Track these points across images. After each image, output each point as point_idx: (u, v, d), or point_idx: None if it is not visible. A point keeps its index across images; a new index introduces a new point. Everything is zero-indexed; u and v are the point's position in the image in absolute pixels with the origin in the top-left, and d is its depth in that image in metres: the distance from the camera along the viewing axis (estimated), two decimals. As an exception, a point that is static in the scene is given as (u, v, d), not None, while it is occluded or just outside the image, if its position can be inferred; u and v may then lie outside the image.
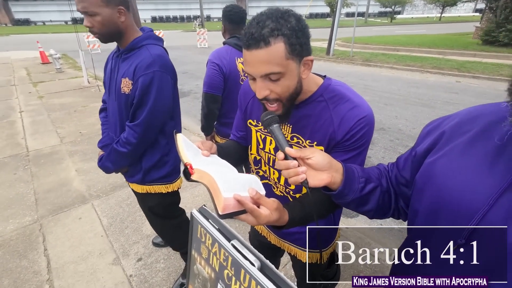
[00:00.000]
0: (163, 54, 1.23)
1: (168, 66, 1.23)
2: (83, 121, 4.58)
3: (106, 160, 1.35)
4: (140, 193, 1.45)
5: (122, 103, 1.26)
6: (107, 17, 1.12)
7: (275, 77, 0.67)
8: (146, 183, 1.42)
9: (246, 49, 0.67)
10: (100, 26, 1.13)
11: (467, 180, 0.44)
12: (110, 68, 1.33)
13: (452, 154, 0.50)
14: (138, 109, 1.22)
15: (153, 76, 1.17)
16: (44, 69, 9.08)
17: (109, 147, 1.38)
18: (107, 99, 1.43)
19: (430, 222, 0.51)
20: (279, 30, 0.64)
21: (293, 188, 0.90)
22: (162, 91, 1.21)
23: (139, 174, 1.39)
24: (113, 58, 1.32)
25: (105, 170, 1.41)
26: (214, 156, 0.83)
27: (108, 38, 1.18)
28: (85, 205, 2.56)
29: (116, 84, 1.26)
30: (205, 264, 0.85)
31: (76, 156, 3.45)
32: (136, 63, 1.18)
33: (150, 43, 1.23)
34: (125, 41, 1.23)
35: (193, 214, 0.88)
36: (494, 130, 0.46)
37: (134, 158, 1.34)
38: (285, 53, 0.65)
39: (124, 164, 1.37)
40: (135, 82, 1.18)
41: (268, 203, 0.65)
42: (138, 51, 1.21)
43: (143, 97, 1.19)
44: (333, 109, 0.77)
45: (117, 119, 1.32)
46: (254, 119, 0.93)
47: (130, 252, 2.02)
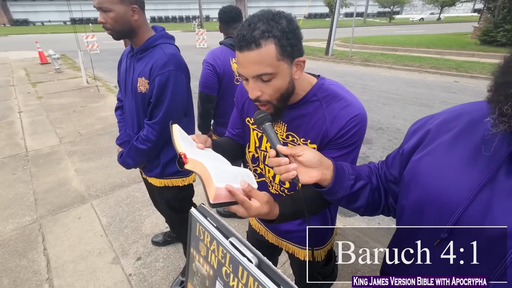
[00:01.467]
0: (176, 53, 1.27)
1: (182, 64, 1.27)
2: (82, 122, 4.59)
3: (126, 156, 1.41)
4: (158, 186, 1.50)
5: (139, 102, 1.30)
6: (120, 14, 1.15)
7: (266, 77, 0.69)
8: (164, 177, 1.47)
9: (238, 51, 0.69)
10: (113, 23, 1.16)
11: (450, 177, 0.46)
12: (124, 67, 1.36)
13: (436, 152, 0.51)
14: (156, 107, 1.26)
15: (169, 75, 1.20)
16: (43, 69, 9.07)
17: (126, 144, 1.44)
18: (122, 97, 1.47)
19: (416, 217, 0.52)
20: (269, 32, 0.66)
21: (288, 187, 0.91)
22: (178, 89, 1.25)
23: (157, 168, 1.43)
24: (128, 57, 1.34)
25: (125, 166, 1.46)
26: (208, 149, 0.85)
27: (120, 35, 1.21)
28: (84, 204, 2.56)
29: (132, 83, 1.30)
30: (204, 261, 0.86)
31: (75, 156, 3.46)
32: (152, 62, 1.21)
33: (163, 42, 1.26)
34: (138, 40, 1.26)
35: (192, 213, 0.89)
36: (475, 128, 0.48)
37: (153, 154, 1.39)
38: (276, 55, 0.67)
39: (143, 160, 1.43)
40: (152, 82, 1.22)
41: (259, 195, 0.66)
42: (152, 50, 1.24)
43: (160, 96, 1.23)
44: (326, 107, 0.78)
45: (134, 117, 1.37)
46: (251, 117, 0.95)
47: (130, 251, 2.03)
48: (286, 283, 0.61)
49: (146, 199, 2.60)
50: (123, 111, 1.53)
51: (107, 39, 15.41)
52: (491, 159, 0.42)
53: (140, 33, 1.24)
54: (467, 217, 0.42)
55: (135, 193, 2.71)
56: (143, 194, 2.68)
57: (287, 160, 0.63)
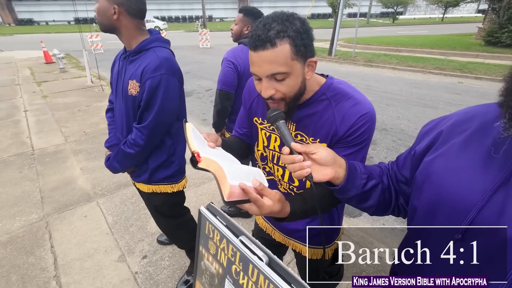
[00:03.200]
0: (170, 57, 1.25)
1: (175, 68, 1.25)
2: (87, 121, 4.62)
3: (113, 160, 1.38)
4: (146, 192, 1.47)
5: (129, 105, 1.28)
6: (102, 8, 1.18)
7: (280, 77, 0.70)
8: (152, 183, 1.44)
9: (253, 51, 0.70)
10: (97, 13, 1.20)
11: (463, 179, 0.46)
12: (117, 69, 1.35)
13: (449, 153, 0.52)
14: (146, 111, 1.24)
15: (160, 79, 1.19)
16: (48, 68, 9.15)
17: (115, 147, 1.40)
18: (114, 99, 1.45)
19: (428, 218, 0.52)
20: (284, 32, 0.67)
21: (297, 185, 0.92)
22: (169, 93, 1.22)
23: (145, 174, 1.41)
24: (120, 59, 1.34)
25: (112, 170, 1.43)
26: (219, 148, 0.85)
27: (103, 27, 1.23)
28: (90, 203, 2.59)
29: (123, 86, 1.28)
30: (213, 260, 0.88)
31: (81, 155, 3.49)
32: (144, 65, 1.20)
33: (157, 45, 1.25)
34: (124, 40, 1.26)
35: (201, 211, 0.90)
36: (488, 130, 0.48)
37: (140, 159, 1.36)
38: (290, 54, 0.68)
39: (131, 164, 1.40)
40: (143, 85, 1.20)
41: (271, 194, 0.67)
42: (145, 53, 1.23)
43: (150, 100, 1.21)
44: (335, 106, 0.79)
45: (124, 120, 1.34)
46: (260, 117, 0.96)
47: (135, 249, 2.05)
48: (296, 281, 0.62)
49: (151, 198, 2.62)
50: (114, 114, 1.50)
51: (110, 39, 15.49)
52: (505, 161, 0.42)
53: (125, 35, 1.23)
54: (481, 218, 0.42)
55: (140, 192, 2.73)
56: (148, 193, 2.70)
57: (301, 157, 0.64)
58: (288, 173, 0.93)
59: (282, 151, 0.68)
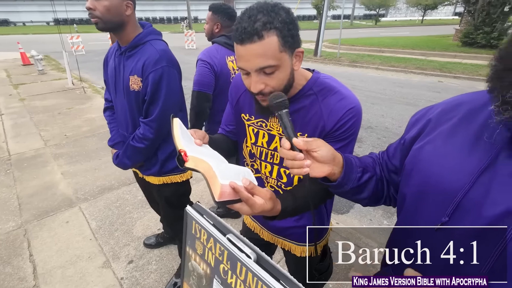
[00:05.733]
0: (167, 49, 1.25)
1: (174, 60, 1.26)
2: (68, 124, 4.45)
3: (123, 157, 1.37)
4: (157, 184, 1.48)
5: (133, 100, 1.27)
6: (114, 4, 1.13)
7: (269, 70, 0.68)
8: (162, 174, 1.45)
9: (240, 44, 0.67)
10: (105, 11, 1.13)
11: (450, 164, 0.47)
12: (113, 66, 1.32)
13: (437, 140, 0.53)
14: (151, 105, 1.24)
15: (162, 71, 1.19)
16: (26, 70, 8.76)
17: (120, 145, 1.41)
18: (112, 97, 1.43)
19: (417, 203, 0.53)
20: (271, 23, 0.65)
21: (285, 181, 0.91)
22: (172, 85, 1.23)
23: (156, 166, 1.41)
24: (115, 56, 1.31)
25: (122, 167, 1.43)
26: (206, 146, 0.83)
27: (107, 25, 1.17)
28: (72, 208, 2.49)
29: (123, 82, 1.27)
30: (200, 260, 0.85)
31: (62, 159, 3.35)
32: (144, 59, 1.19)
33: (153, 38, 1.24)
34: (125, 36, 1.23)
35: (188, 211, 0.87)
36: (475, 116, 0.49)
37: (150, 152, 1.37)
38: (279, 46, 0.66)
39: (141, 159, 1.40)
40: (145, 79, 1.20)
41: (262, 192, 0.65)
42: (142, 47, 1.22)
43: (155, 93, 1.21)
44: (322, 101, 0.79)
45: (127, 116, 1.34)
46: (247, 113, 0.94)
47: (121, 254, 1.98)
48: (285, 277, 0.61)
49: (137, 201, 2.55)
50: (113, 112, 1.49)
51: (92, 40, 15.03)
52: (491, 145, 0.43)
53: (128, 29, 1.21)
54: (468, 200, 0.43)
55: (125, 196, 2.65)
56: (134, 196, 2.62)
57: (302, 156, 0.60)
58: (276, 169, 0.92)
59: (282, 144, 0.63)
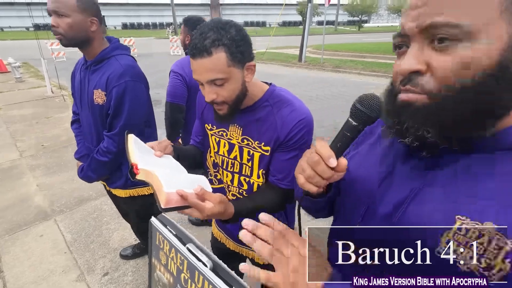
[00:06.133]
0: (133, 64, 1.27)
1: (140, 74, 1.28)
2: (46, 133, 4.33)
3: (87, 170, 1.38)
4: (124, 197, 1.48)
5: (97, 114, 1.29)
6: (77, 22, 1.15)
7: (219, 82, 0.74)
8: (128, 187, 1.46)
9: (192, 58, 0.74)
10: (67, 29, 1.14)
11: (365, 173, 0.54)
12: (78, 80, 1.34)
13: (362, 151, 0.59)
14: (115, 118, 1.25)
15: (126, 86, 1.21)
16: (2, 78, 8.46)
17: (85, 158, 1.41)
18: (79, 110, 1.43)
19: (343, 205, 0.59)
20: (219, 40, 0.71)
21: (246, 189, 0.95)
22: (136, 99, 1.25)
23: (121, 179, 1.42)
24: (81, 70, 1.32)
25: (87, 180, 1.43)
26: (168, 156, 0.86)
27: (71, 42, 1.19)
28: (47, 221, 2.42)
29: (88, 96, 1.28)
30: (164, 270, 0.87)
31: (38, 171, 3.26)
32: (108, 74, 1.21)
33: (118, 53, 1.26)
34: (91, 51, 1.24)
35: (152, 222, 0.90)
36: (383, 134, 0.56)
37: (114, 165, 1.38)
38: (227, 61, 0.72)
39: (106, 172, 1.41)
40: (109, 93, 1.21)
41: (212, 197, 0.69)
42: (107, 61, 1.24)
43: (118, 107, 1.23)
44: (276, 113, 0.84)
45: (92, 129, 1.35)
46: (209, 123, 0.98)
47: (96, 267, 1.95)
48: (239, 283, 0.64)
49: (115, 212, 2.50)
50: (80, 124, 1.49)
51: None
52: (393, 156, 0.51)
53: (94, 44, 1.23)
54: (373, 204, 0.49)
55: (103, 206, 2.61)
56: (112, 207, 2.58)
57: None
58: (236, 177, 0.95)
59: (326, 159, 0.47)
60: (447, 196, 0.40)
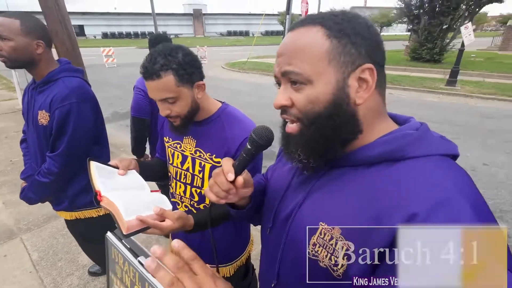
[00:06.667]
0: (80, 85, 1.28)
1: (87, 96, 1.29)
2: (15, 148, 4.16)
3: (28, 191, 1.35)
4: (70, 220, 1.44)
5: (41, 134, 1.29)
6: (21, 45, 1.16)
7: (171, 100, 0.84)
8: (74, 209, 1.43)
9: (145, 80, 0.82)
10: (11, 51, 1.15)
11: (277, 185, 0.63)
12: (27, 100, 1.35)
13: (279, 166, 0.68)
14: (57, 140, 1.25)
15: (70, 108, 1.21)
16: (-30, 90, 8.07)
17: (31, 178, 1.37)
18: (26, 130, 1.43)
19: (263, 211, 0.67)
20: (167, 65, 0.80)
21: (197, 200, 1.01)
22: (81, 120, 1.25)
23: (65, 201, 1.40)
24: (30, 90, 1.33)
25: (27, 201, 1.39)
26: (132, 172, 0.92)
27: (15, 64, 1.20)
28: (12, 240, 2.32)
29: (33, 116, 1.28)
30: (120, 283, 0.89)
31: (5, 188, 3.12)
32: (52, 95, 1.22)
33: (66, 75, 1.27)
34: (38, 72, 1.26)
35: (108, 237, 0.92)
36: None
37: (57, 187, 1.35)
38: (175, 82, 0.81)
39: (48, 193, 1.38)
40: (52, 114, 1.22)
41: (170, 215, 0.75)
42: (54, 83, 1.25)
43: (61, 128, 1.23)
44: (228, 129, 0.93)
45: (37, 150, 1.34)
46: (167, 136, 1.06)
47: (63, 285, 1.89)
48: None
49: (86, 227, 2.45)
50: (28, 144, 1.48)
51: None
52: (295, 170, 0.60)
53: (41, 66, 1.25)
54: (278, 210, 0.59)
55: (74, 222, 2.54)
56: (83, 222, 2.52)
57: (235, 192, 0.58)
58: (189, 189, 1.01)
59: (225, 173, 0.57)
60: (316, 206, 0.49)
